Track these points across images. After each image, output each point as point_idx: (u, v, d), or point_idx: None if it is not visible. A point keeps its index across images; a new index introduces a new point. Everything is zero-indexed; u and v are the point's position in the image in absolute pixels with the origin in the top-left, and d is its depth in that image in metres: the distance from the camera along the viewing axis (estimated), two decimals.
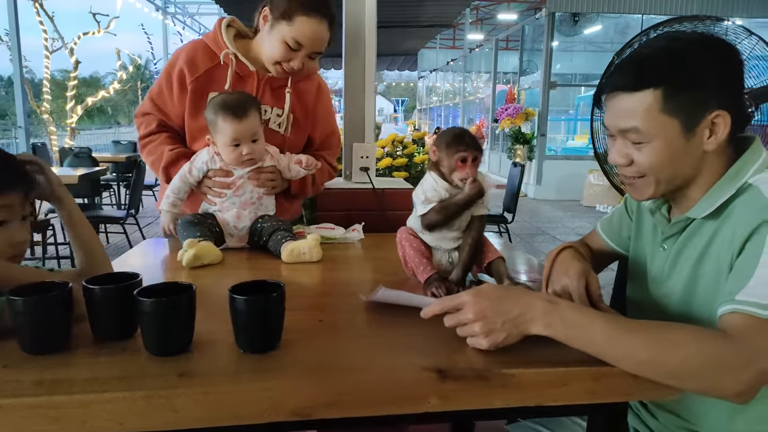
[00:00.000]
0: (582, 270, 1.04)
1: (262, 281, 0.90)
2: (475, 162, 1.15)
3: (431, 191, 1.18)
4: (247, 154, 1.43)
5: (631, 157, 0.97)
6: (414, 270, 1.20)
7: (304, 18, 1.46)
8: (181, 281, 0.88)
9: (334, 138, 1.82)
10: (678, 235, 1.04)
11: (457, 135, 1.16)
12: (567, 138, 14.95)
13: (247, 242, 1.52)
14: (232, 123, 1.39)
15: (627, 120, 0.95)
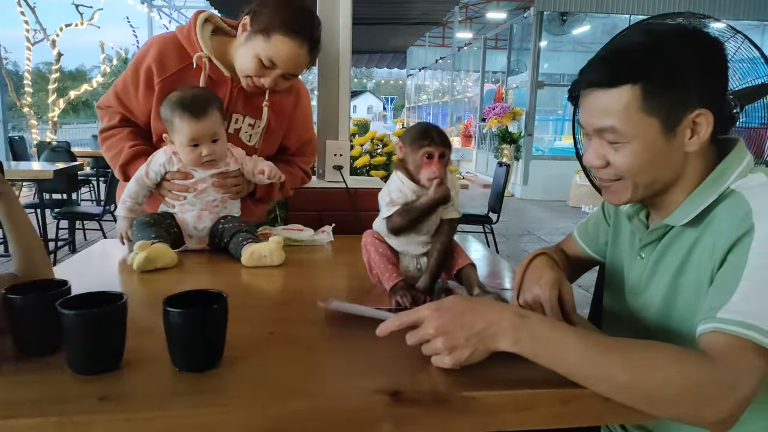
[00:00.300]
0: (555, 279, 0.97)
1: (203, 291, 0.82)
2: (443, 159, 1.08)
3: (396, 192, 1.11)
4: (207, 155, 1.34)
5: (608, 158, 0.91)
6: (379, 277, 1.13)
7: (283, 38, 1.36)
8: (113, 291, 0.79)
9: (310, 146, 1.72)
10: (656, 243, 0.98)
11: (423, 130, 1.09)
12: (555, 138, 14.97)
13: (207, 244, 1.43)
14: (190, 122, 1.30)
15: (603, 119, 0.88)
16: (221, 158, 1.39)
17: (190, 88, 1.37)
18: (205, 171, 1.39)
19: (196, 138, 1.32)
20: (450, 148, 1.10)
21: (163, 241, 1.29)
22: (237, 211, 1.48)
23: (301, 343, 0.88)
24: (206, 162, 1.36)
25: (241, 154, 1.45)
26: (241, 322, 0.94)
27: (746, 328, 0.73)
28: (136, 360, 0.78)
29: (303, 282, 1.23)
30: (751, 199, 0.83)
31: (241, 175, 1.45)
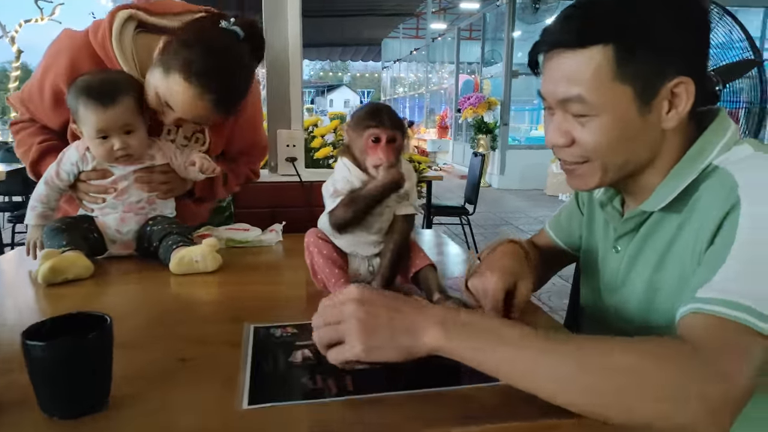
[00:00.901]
0: (510, 270, 0.83)
1: (85, 314, 0.65)
2: (393, 144, 0.92)
3: (342, 182, 0.95)
4: (120, 149, 1.16)
5: (573, 135, 0.77)
6: (325, 282, 0.97)
7: (180, 81, 1.08)
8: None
9: (255, 148, 1.52)
10: (633, 234, 0.84)
11: (371, 110, 0.93)
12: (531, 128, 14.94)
13: (135, 249, 1.25)
14: (96, 111, 1.12)
15: (568, 87, 0.74)
16: (138, 153, 1.20)
17: (100, 72, 1.18)
18: (126, 167, 1.21)
19: (104, 129, 1.14)
20: (403, 132, 0.94)
21: (76, 249, 1.11)
22: (170, 211, 1.30)
23: (219, 372, 0.71)
24: (120, 157, 1.18)
25: (168, 147, 1.26)
26: (148, 345, 0.78)
27: (735, 308, 0.59)
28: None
29: (237, 291, 1.06)
30: (736, 174, 0.70)
31: (171, 171, 1.27)
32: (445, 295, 0.92)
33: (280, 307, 0.97)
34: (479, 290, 0.83)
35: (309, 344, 0.78)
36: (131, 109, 1.15)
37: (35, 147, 1.28)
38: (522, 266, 0.85)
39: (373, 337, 0.62)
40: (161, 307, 0.95)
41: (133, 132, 1.17)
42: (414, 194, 1.00)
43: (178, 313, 0.92)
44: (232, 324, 0.86)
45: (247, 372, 0.70)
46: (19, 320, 0.92)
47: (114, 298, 1.03)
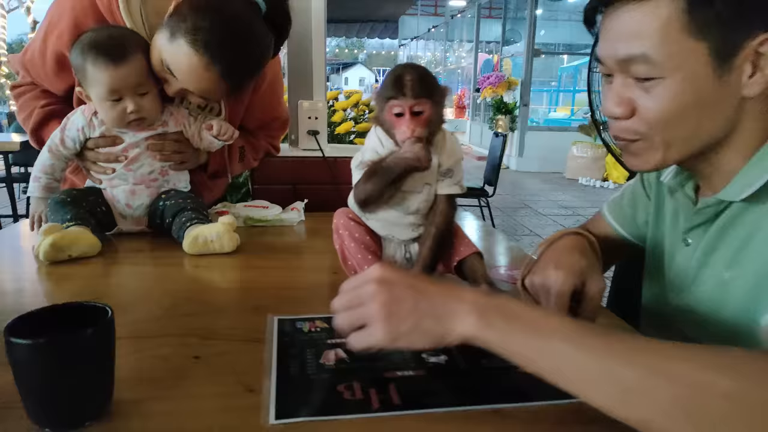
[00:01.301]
0: (579, 266, 0.71)
1: (82, 304, 0.55)
2: (420, 117, 0.79)
3: (370, 152, 0.84)
4: (133, 111, 1.04)
5: (634, 103, 0.65)
6: (356, 269, 0.86)
7: (186, 47, 0.97)
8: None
9: (275, 123, 1.40)
10: (708, 225, 0.72)
11: (395, 77, 0.79)
12: (549, 109, 14.65)
13: (147, 225, 1.15)
14: (107, 68, 1.00)
15: (632, 44, 0.62)
16: (152, 116, 1.09)
17: (105, 28, 1.06)
18: (137, 134, 1.10)
19: (117, 89, 1.02)
20: (432, 100, 0.79)
21: (82, 224, 1.01)
22: (185, 184, 1.19)
23: (239, 374, 0.61)
24: (133, 121, 1.07)
25: (182, 114, 1.15)
26: (157, 340, 0.68)
27: None
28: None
29: (257, 277, 0.95)
30: None
31: (185, 139, 1.16)
32: (495, 288, 0.81)
33: (306, 297, 0.87)
34: (540, 289, 0.71)
35: (342, 342, 0.68)
36: (144, 68, 1.04)
37: (37, 111, 1.17)
38: (591, 263, 0.73)
39: (398, 322, 0.52)
40: (173, 294, 0.85)
41: (147, 93, 1.06)
42: (459, 172, 0.88)
43: (191, 301, 0.82)
44: (252, 315, 0.76)
45: (272, 376, 0.60)
46: (15, 303, 0.82)
47: (120, 281, 0.93)
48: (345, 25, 19.46)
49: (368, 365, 0.63)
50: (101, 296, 0.84)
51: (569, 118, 12.24)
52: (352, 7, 14.37)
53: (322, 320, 0.74)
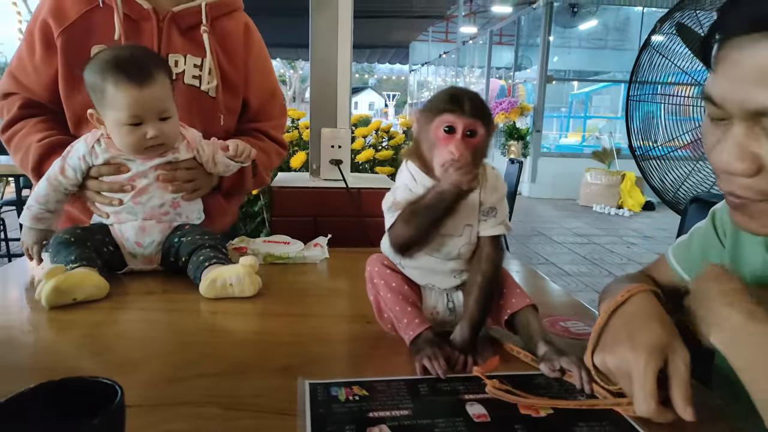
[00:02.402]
0: (661, 339, 0.60)
1: (85, 380, 0.45)
2: (471, 140, 0.70)
3: (402, 190, 0.74)
4: (153, 137, 0.97)
5: (762, 160, 0.53)
6: (393, 323, 0.76)
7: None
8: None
9: (275, 102, 1.33)
10: None
11: (450, 93, 0.71)
12: (560, 135, 14.61)
13: (159, 263, 1.06)
14: (130, 90, 0.93)
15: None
16: (172, 142, 1.02)
17: (124, 46, 1.00)
18: (145, 162, 1.02)
19: (140, 113, 0.95)
20: (488, 124, 0.71)
21: (88, 265, 0.92)
22: (197, 215, 1.11)
23: None
24: (150, 147, 0.99)
25: (195, 138, 1.07)
26: (171, 410, 0.58)
27: None
28: None
29: (282, 327, 0.85)
30: None
31: (196, 166, 1.08)
32: (555, 347, 0.71)
33: (339, 354, 0.77)
34: (617, 372, 0.61)
35: (386, 417, 0.58)
36: (168, 89, 0.98)
37: (34, 147, 1.10)
38: (671, 332, 0.62)
39: None
40: (188, 349, 0.75)
41: (170, 118, 0.99)
42: (504, 209, 0.78)
43: (209, 358, 0.72)
44: (280, 378, 0.66)
45: None
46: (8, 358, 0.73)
47: (129, 330, 0.84)
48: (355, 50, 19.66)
49: None
50: (106, 351, 0.75)
51: (581, 144, 12.19)
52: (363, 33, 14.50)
53: (359, 386, 0.64)
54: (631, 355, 0.59)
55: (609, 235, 6.08)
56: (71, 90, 1.10)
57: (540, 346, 0.71)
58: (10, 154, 1.17)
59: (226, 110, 1.20)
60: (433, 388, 0.65)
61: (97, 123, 1.00)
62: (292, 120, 2.47)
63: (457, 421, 0.58)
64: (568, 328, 0.84)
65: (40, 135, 1.11)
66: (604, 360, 0.62)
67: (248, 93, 1.25)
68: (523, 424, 0.57)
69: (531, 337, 0.73)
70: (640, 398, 0.57)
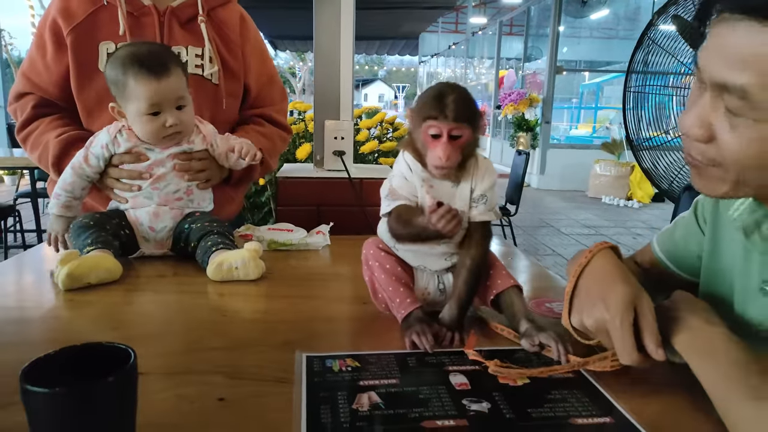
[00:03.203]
0: (628, 295, 0.65)
1: (102, 345, 0.51)
2: (457, 141, 0.75)
3: (399, 179, 0.80)
4: (172, 125, 1.04)
5: (715, 131, 0.58)
6: (387, 302, 0.81)
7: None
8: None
9: (274, 86, 1.40)
10: None
11: (437, 93, 0.75)
12: (570, 126, 14.54)
13: (170, 248, 1.12)
14: (149, 82, 1.01)
15: (734, 70, 0.54)
16: (188, 131, 1.10)
17: (140, 43, 1.08)
18: (163, 151, 1.08)
19: (159, 102, 1.03)
20: (474, 125, 0.76)
21: (104, 248, 0.99)
22: (208, 204, 1.17)
23: (265, 420, 0.57)
24: (169, 135, 1.06)
25: (210, 132, 1.14)
26: (181, 378, 0.64)
27: None
28: None
29: (283, 307, 0.91)
30: None
31: (210, 157, 1.15)
32: (536, 324, 0.76)
33: (336, 331, 0.82)
34: (596, 331, 0.66)
35: (376, 384, 0.63)
36: (183, 81, 1.06)
37: (53, 143, 1.16)
38: (634, 285, 0.67)
39: None
40: (197, 326, 0.81)
41: (186, 107, 1.06)
42: (494, 196, 0.83)
43: (216, 334, 0.78)
44: (280, 351, 0.72)
45: (303, 424, 0.55)
46: (33, 332, 0.79)
47: (142, 309, 0.90)
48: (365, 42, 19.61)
49: (404, 412, 0.58)
50: (121, 326, 0.81)
51: (591, 136, 12.13)
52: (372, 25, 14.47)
53: (353, 358, 0.70)
54: (606, 315, 0.65)
55: (617, 227, 6.09)
56: (82, 85, 1.17)
57: (522, 324, 0.76)
58: (27, 153, 1.24)
59: (228, 95, 1.26)
60: (421, 361, 0.70)
61: (118, 116, 1.07)
62: (299, 112, 2.53)
63: (440, 389, 0.63)
64: (552, 308, 0.89)
65: (57, 132, 1.17)
66: (582, 321, 0.68)
67: (248, 78, 1.32)
68: (501, 392, 0.63)
69: (514, 316, 0.79)
70: (623, 352, 0.63)
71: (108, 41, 1.17)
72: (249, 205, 2.16)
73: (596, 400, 0.62)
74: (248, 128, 1.31)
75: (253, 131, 1.30)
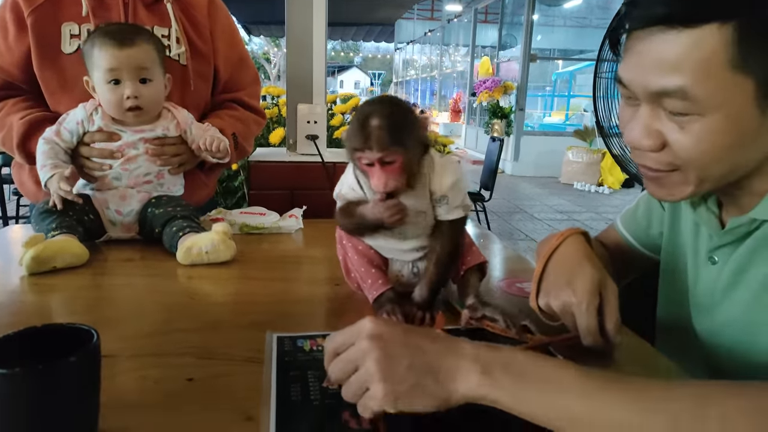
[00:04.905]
0: (594, 280, 0.67)
1: (64, 326, 0.50)
2: (393, 165, 0.69)
3: (347, 188, 0.79)
4: (131, 97, 1.02)
5: (666, 137, 0.60)
6: (359, 283, 0.81)
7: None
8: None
9: (247, 69, 1.37)
10: (737, 244, 0.68)
11: (359, 126, 0.69)
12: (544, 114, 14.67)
13: (137, 232, 1.10)
14: (110, 48, 1.00)
15: (667, 76, 0.56)
16: (151, 108, 1.07)
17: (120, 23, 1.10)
18: (136, 133, 1.06)
19: (117, 69, 1.01)
20: (401, 147, 0.69)
21: (68, 232, 0.96)
22: (179, 189, 1.15)
23: (236, 399, 0.56)
24: (131, 110, 1.03)
25: (186, 119, 1.12)
26: (148, 360, 0.63)
27: None
28: None
29: (255, 289, 0.90)
30: None
31: (185, 142, 1.13)
32: (480, 300, 0.76)
33: (308, 312, 0.82)
34: (561, 313, 0.68)
35: None
36: (150, 55, 1.04)
37: (17, 124, 1.12)
38: (600, 270, 0.69)
39: (396, 382, 0.47)
40: (165, 308, 0.80)
41: (150, 82, 1.04)
42: (458, 194, 0.78)
43: (185, 316, 0.77)
44: (251, 331, 0.71)
45: (272, 402, 0.55)
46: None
47: (109, 294, 0.88)
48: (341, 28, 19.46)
49: None
50: (88, 310, 0.80)
51: (564, 123, 12.26)
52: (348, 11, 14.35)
53: (324, 338, 0.70)
54: (573, 299, 0.66)
55: (589, 212, 6.19)
56: (44, 66, 1.14)
57: (469, 299, 0.77)
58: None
59: (196, 76, 1.24)
60: None
61: (92, 91, 1.05)
62: (273, 97, 2.49)
63: None
64: (523, 288, 0.90)
65: (21, 114, 1.14)
66: (549, 303, 0.69)
67: (217, 61, 1.29)
68: None
69: (466, 292, 0.79)
70: (586, 335, 0.65)
71: (71, 22, 1.13)
72: (222, 190, 2.14)
73: None
74: (222, 113, 1.29)
75: (227, 116, 1.28)
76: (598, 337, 0.65)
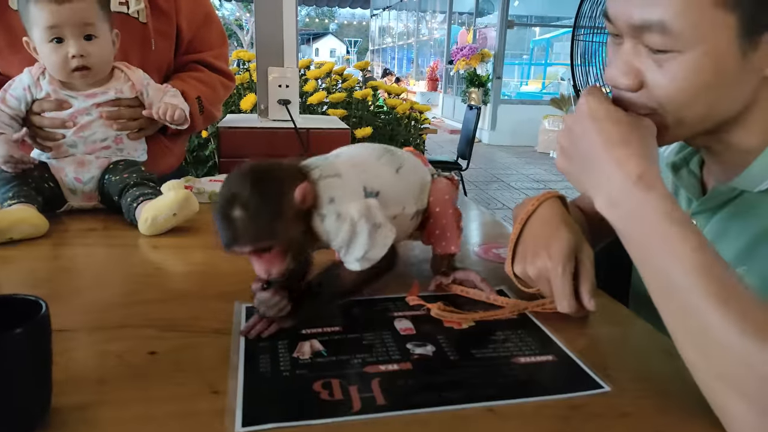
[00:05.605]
0: (570, 245, 0.66)
1: (10, 297, 0.46)
2: (270, 251, 0.59)
3: None
4: (77, 57, 0.95)
5: (643, 76, 0.58)
6: None
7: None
8: None
9: (212, 28, 1.29)
10: (714, 211, 0.67)
11: (219, 223, 0.58)
12: (521, 83, 14.63)
13: (99, 201, 1.05)
14: (49, 4, 0.92)
15: (649, 8, 0.55)
16: (99, 67, 1.00)
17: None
18: (87, 99, 1.00)
19: (58, 26, 0.94)
20: (274, 239, 0.58)
21: (26, 202, 0.91)
22: (141, 154, 1.10)
23: (201, 372, 0.54)
24: (77, 70, 0.97)
25: (141, 80, 1.05)
26: (108, 333, 0.60)
27: None
28: None
29: (224, 259, 0.86)
30: None
31: (142, 105, 1.06)
32: (452, 266, 0.74)
33: None
34: (537, 279, 0.66)
35: (319, 332, 0.61)
36: (93, 9, 0.96)
37: None
38: (576, 234, 0.68)
39: (568, 159, 0.61)
40: (128, 279, 0.77)
41: (96, 38, 0.97)
42: (353, 250, 0.62)
43: (149, 287, 0.74)
44: (218, 302, 0.68)
45: (239, 374, 0.53)
46: None
47: (70, 264, 0.85)
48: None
49: (347, 358, 0.56)
50: (46, 283, 0.76)
51: (541, 92, 12.26)
52: None
53: None
54: (549, 264, 0.65)
55: (564, 181, 6.22)
56: None
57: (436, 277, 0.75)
58: None
59: (157, 34, 1.17)
60: (365, 308, 0.68)
61: (34, 52, 0.98)
62: (243, 62, 2.42)
63: (385, 335, 0.61)
64: (499, 254, 0.89)
65: None
66: (525, 270, 0.67)
67: (179, 18, 1.22)
68: (446, 336, 0.62)
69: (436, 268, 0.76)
70: (562, 300, 0.63)
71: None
72: (192, 159, 2.08)
73: (540, 341, 0.61)
74: (185, 76, 1.22)
75: (191, 79, 1.22)
76: (573, 300, 0.63)
